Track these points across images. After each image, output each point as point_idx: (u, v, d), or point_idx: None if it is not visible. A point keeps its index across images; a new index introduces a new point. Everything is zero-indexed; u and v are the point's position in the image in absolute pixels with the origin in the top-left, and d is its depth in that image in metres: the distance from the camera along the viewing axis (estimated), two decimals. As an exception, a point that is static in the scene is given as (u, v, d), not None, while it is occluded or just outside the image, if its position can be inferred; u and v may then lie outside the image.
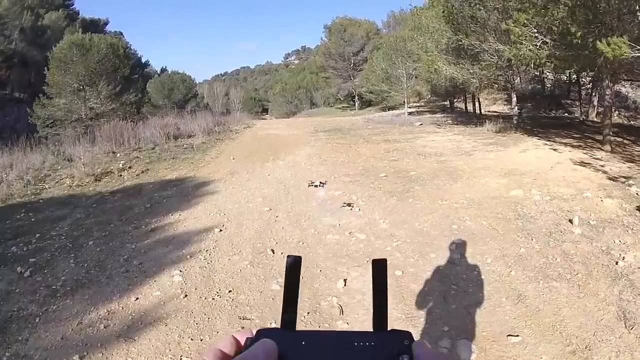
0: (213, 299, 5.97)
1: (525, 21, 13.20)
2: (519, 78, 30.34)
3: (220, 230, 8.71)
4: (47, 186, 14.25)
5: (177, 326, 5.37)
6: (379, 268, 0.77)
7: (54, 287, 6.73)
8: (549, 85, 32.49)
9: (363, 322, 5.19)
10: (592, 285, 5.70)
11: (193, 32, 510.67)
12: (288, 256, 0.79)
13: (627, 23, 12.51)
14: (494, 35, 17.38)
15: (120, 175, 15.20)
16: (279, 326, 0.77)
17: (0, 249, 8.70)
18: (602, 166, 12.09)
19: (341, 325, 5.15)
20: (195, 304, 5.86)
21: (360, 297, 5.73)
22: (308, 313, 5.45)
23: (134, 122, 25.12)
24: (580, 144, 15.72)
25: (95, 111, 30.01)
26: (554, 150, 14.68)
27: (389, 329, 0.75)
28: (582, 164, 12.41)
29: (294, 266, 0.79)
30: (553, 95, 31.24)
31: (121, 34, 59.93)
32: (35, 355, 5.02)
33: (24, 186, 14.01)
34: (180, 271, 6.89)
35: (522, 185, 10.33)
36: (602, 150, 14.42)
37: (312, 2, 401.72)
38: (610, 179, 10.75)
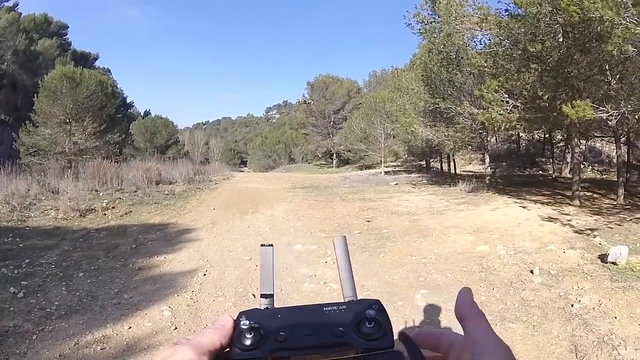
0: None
1: (497, 87, 13.82)
2: (494, 138, 30.96)
3: (204, 274, 9.19)
4: (32, 215, 14.66)
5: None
6: (340, 245, 0.89)
7: (48, 309, 7.14)
8: (523, 144, 33.09)
9: None
10: (546, 325, 6.26)
11: (178, 78, 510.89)
12: (261, 245, 0.88)
13: (593, 84, 13.27)
14: (469, 99, 17.99)
15: (105, 214, 15.63)
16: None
17: None
18: (569, 220, 12.58)
19: None
20: (184, 336, 6.29)
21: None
22: None
23: (117, 163, 25.48)
24: (550, 200, 16.27)
25: (79, 146, 30.55)
26: (524, 207, 15.12)
27: (361, 299, 0.87)
28: (550, 219, 12.89)
29: (267, 252, 0.88)
30: (528, 153, 31.88)
31: (109, 70, 60.52)
32: (35, 371, 5.35)
33: (10, 211, 14.45)
34: (169, 307, 7.37)
35: (489, 241, 10.81)
36: (571, 205, 14.94)
37: (297, 58, 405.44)
38: (576, 232, 11.31)
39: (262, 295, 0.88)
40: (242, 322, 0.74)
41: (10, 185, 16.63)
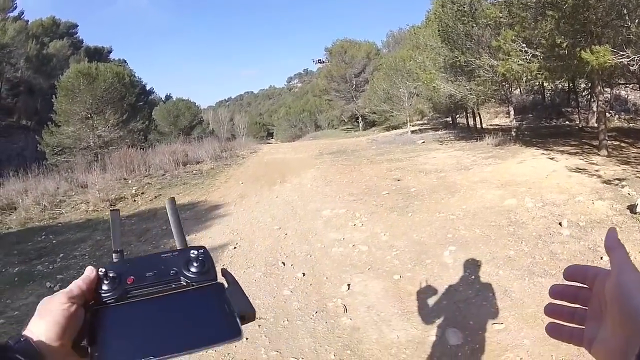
0: (231, 304, 6.52)
1: (514, 37, 13.62)
2: (518, 90, 30.47)
3: (234, 248, 9.33)
4: (63, 211, 14.87)
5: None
6: (170, 206, 1.19)
7: (84, 299, 7.32)
8: (548, 94, 32.41)
9: (364, 317, 5.79)
10: None
11: (195, 59, 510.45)
12: (111, 210, 1.14)
13: (612, 30, 12.93)
14: (487, 51, 17.68)
15: (134, 201, 15.79)
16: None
17: (26, 267, 9.42)
18: (596, 171, 12.25)
19: (346, 322, 5.75)
20: None
21: (362, 298, 6.35)
22: (316, 312, 6.08)
23: (142, 149, 25.63)
24: (577, 150, 15.91)
25: (103, 139, 30.51)
26: (551, 159, 14.83)
27: (189, 246, 1.12)
28: (577, 170, 12.60)
29: (115, 216, 1.14)
30: (554, 104, 31.15)
31: (125, 61, 60.62)
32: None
33: (41, 211, 14.64)
34: (200, 284, 7.43)
35: (517, 194, 10.64)
36: (598, 155, 14.60)
37: (313, 25, 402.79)
38: (604, 182, 10.93)
39: (114, 252, 1.12)
40: (101, 272, 0.99)
41: (39, 187, 16.86)
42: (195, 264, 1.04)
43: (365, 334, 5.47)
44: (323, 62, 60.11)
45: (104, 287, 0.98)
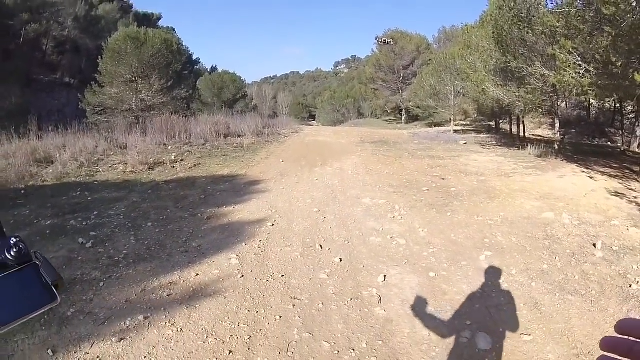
0: (267, 280, 6.71)
1: (571, 49, 13.54)
2: (565, 103, 30.21)
3: (272, 225, 9.40)
4: (101, 170, 14.98)
5: (235, 299, 6.11)
6: None
7: (116, 258, 7.50)
8: (594, 112, 31.96)
9: (398, 311, 5.87)
10: (603, 302, 6.18)
11: (243, 33, 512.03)
12: None
13: None
14: (540, 59, 17.42)
15: (173, 167, 15.87)
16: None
17: (59, 221, 9.48)
18: (635, 197, 12.09)
19: (380, 312, 5.82)
20: (251, 283, 6.60)
21: (397, 290, 6.42)
22: (351, 299, 6.15)
23: (185, 117, 25.71)
24: (618, 173, 15.66)
25: (146, 103, 30.81)
26: (591, 178, 14.69)
27: (7, 236, 1.50)
28: (616, 193, 12.46)
29: None
30: (597, 122, 30.82)
31: (173, 29, 61.15)
32: (100, 314, 5.70)
33: (79, 167, 14.83)
34: (237, 255, 7.63)
35: (555, 208, 10.61)
36: (638, 181, 14.37)
37: (364, 13, 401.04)
38: None
39: None
40: None
41: (77, 143, 17.05)
42: (15, 250, 1.37)
43: (398, 327, 5.53)
44: (389, 42, 59.60)
45: None
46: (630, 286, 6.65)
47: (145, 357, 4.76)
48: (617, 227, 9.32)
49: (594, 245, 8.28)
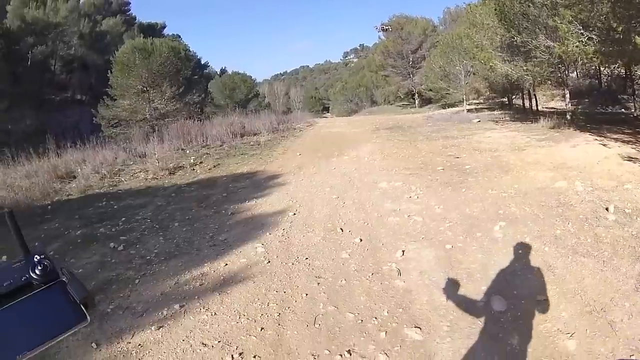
0: (292, 264, 7.10)
1: (571, 18, 13.65)
2: (575, 73, 30.08)
3: (294, 214, 9.77)
4: (123, 179, 15.33)
5: (263, 283, 6.51)
6: (10, 218, 1.31)
7: (148, 257, 7.89)
8: (605, 80, 31.40)
9: (417, 281, 6.25)
10: (616, 261, 6.39)
11: (250, 33, 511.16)
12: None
13: None
14: (544, 31, 17.45)
15: (193, 169, 16.17)
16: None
17: (88, 230, 9.81)
18: None
19: (399, 284, 6.21)
20: (277, 268, 6.99)
21: (415, 264, 6.77)
22: (372, 274, 6.52)
23: (200, 121, 26.23)
24: (631, 139, 15.55)
25: (160, 111, 31.06)
26: (604, 145, 14.66)
27: (32, 252, 1.31)
28: (630, 158, 12.41)
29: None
30: (610, 90, 30.14)
31: (179, 36, 61.46)
32: (138, 307, 6.09)
33: (101, 179, 15.12)
34: (262, 244, 8.00)
35: (567, 177, 10.75)
36: None
37: (368, 1, 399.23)
38: None
39: None
40: None
41: (97, 157, 17.36)
42: (39, 268, 1.27)
43: (417, 296, 5.88)
44: (387, 29, 59.73)
45: None
46: None
47: (183, 340, 5.13)
48: (630, 190, 9.46)
49: (607, 209, 8.43)
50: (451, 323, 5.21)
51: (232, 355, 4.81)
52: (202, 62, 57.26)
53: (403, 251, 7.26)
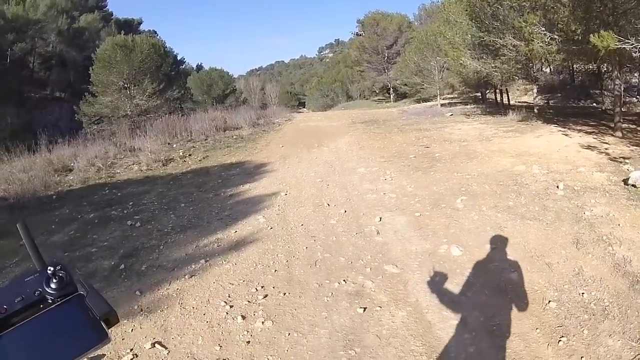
0: (291, 228, 8.60)
1: (534, 21, 14.83)
2: (549, 69, 31.35)
3: (286, 194, 11.15)
4: (118, 171, 16.13)
5: (270, 241, 8.02)
6: (23, 228, 1.21)
7: (165, 230, 9.17)
8: (578, 76, 32.03)
9: (392, 237, 7.79)
10: (557, 224, 7.75)
11: (225, 28, 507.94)
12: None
13: (625, 19, 13.79)
14: (512, 31, 18.24)
15: (184, 161, 17.24)
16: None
17: (101, 213, 10.90)
18: (606, 149, 13.18)
19: (378, 239, 7.73)
20: (279, 231, 8.49)
21: (390, 226, 8.29)
22: (356, 233, 8.06)
23: (183, 116, 26.91)
24: (594, 130, 16.65)
25: (141, 107, 31.57)
26: (566, 135, 15.72)
27: (47, 264, 1.20)
28: (589, 147, 13.57)
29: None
30: (583, 85, 30.95)
31: (155, 32, 61.26)
32: (168, 265, 7.37)
33: (97, 171, 15.92)
34: (263, 216, 9.45)
35: (527, 162, 12.04)
36: (613, 136, 15.29)
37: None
38: (610, 159, 12.02)
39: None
40: None
41: (88, 152, 18.12)
42: (54, 281, 1.15)
43: (392, 246, 7.38)
44: (360, 34, 60.66)
45: None
46: (584, 213, 8.16)
47: (214, 282, 6.53)
48: (582, 173, 10.72)
49: (557, 186, 9.73)
50: (419, 262, 6.72)
51: (255, 288, 6.23)
52: (179, 58, 57.60)
53: (380, 218, 8.75)
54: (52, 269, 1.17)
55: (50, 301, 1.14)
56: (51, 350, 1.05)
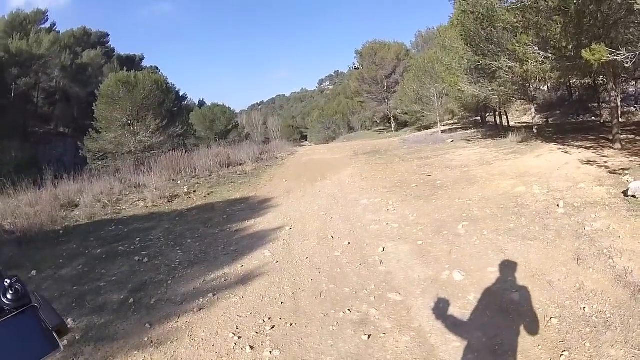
0: (296, 262, 8.71)
1: (527, 41, 14.95)
2: (546, 87, 31.31)
3: (290, 228, 11.27)
4: (124, 207, 16.21)
5: (276, 275, 8.14)
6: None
7: (172, 265, 9.28)
8: (576, 91, 32.55)
9: (395, 266, 7.92)
10: (558, 241, 7.90)
11: (225, 64, 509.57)
12: None
13: (614, 31, 14.10)
14: (506, 53, 18.20)
15: (189, 197, 17.32)
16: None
17: (108, 248, 11.02)
18: (605, 162, 13.23)
19: (381, 268, 7.88)
20: (285, 265, 8.60)
21: (393, 255, 8.43)
22: (360, 264, 8.19)
23: (186, 153, 26.88)
24: (594, 144, 16.66)
25: (144, 144, 31.82)
26: (566, 153, 15.78)
27: (3, 276, 1.28)
28: (588, 162, 13.62)
29: None
30: (581, 100, 31.35)
31: (157, 68, 61.21)
32: (177, 299, 7.49)
33: (103, 207, 15.91)
34: (269, 250, 9.56)
35: (527, 183, 12.15)
36: (612, 148, 15.31)
37: (343, 29, 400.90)
38: (609, 172, 12.06)
39: None
40: None
41: (93, 187, 18.19)
42: (11, 292, 1.21)
43: (396, 275, 7.51)
44: (358, 68, 61.19)
45: None
46: (585, 228, 8.30)
47: (222, 315, 6.65)
48: (582, 189, 10.83)
49: (557, 205, 9.84)
50: (422, 289, 6.85)
51: (263, 319, 6.36)
52: (181, 94, 57.86)
53: (384, 248, 8.88)
54: (8, 281, 1.25)
55: (7, 311, 1.22)
56: (8, 357, 1.14)
